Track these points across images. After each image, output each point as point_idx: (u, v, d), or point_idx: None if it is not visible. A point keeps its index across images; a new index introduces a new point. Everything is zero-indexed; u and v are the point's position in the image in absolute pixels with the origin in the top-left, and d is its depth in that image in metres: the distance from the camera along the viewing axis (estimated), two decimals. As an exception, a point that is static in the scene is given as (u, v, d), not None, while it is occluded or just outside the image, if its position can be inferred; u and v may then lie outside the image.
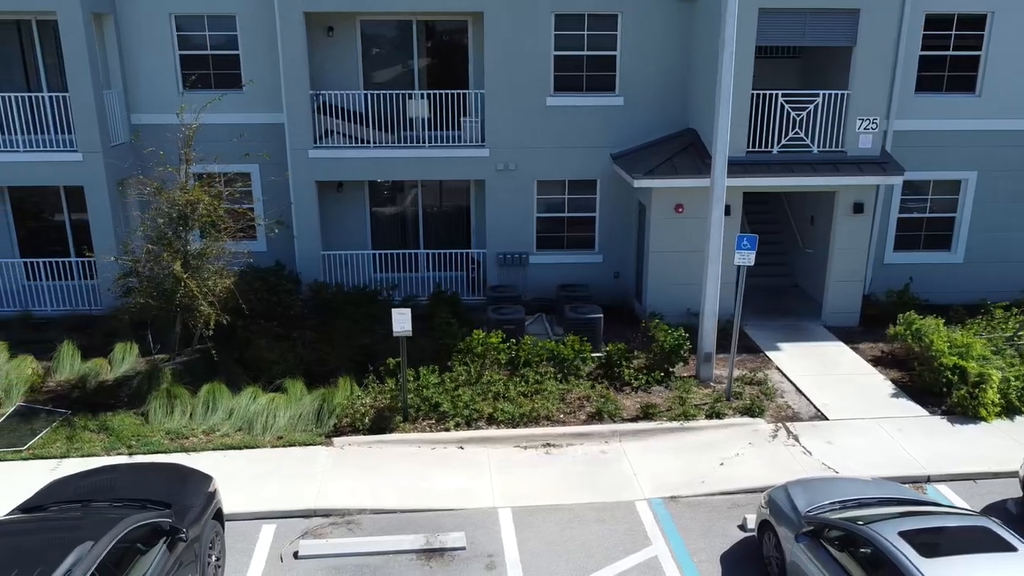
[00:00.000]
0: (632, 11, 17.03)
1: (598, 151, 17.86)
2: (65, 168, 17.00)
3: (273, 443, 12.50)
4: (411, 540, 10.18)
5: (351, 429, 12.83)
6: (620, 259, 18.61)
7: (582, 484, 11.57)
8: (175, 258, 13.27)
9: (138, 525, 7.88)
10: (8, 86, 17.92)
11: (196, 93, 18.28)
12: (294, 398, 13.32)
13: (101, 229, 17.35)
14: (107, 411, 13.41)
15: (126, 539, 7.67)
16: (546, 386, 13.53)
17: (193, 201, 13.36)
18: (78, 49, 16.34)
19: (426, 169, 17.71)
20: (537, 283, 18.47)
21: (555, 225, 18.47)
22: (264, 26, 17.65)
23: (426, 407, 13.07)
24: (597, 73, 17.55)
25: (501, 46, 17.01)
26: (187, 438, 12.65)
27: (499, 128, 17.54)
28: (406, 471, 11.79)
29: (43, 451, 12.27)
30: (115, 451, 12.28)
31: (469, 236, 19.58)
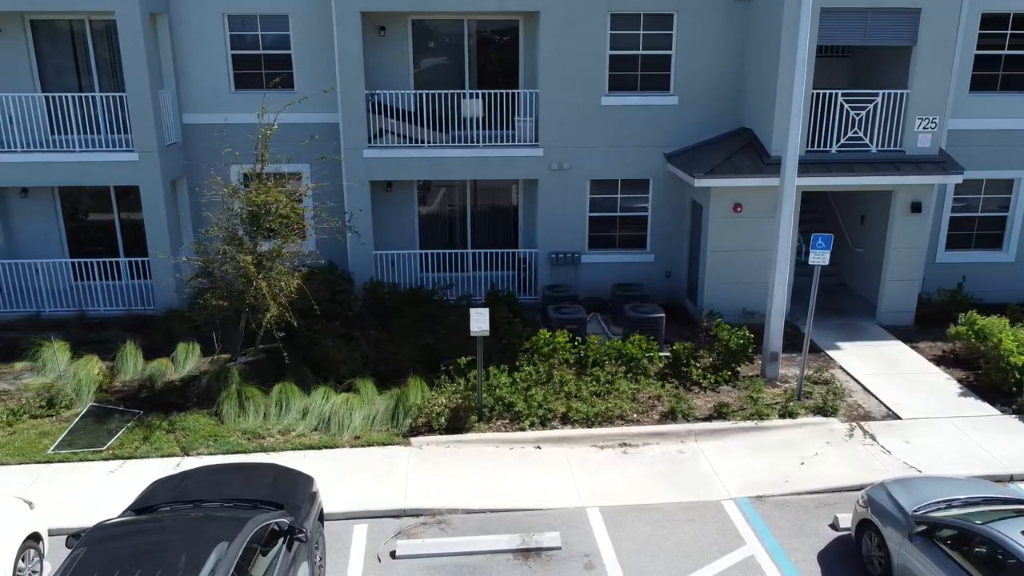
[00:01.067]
0: (688, 11, 17.02)
1: (651, 150, 17.86)
2: (121, 168, 17.00)
3: (351, 443, 12.49)
4: (507, 540, 10.19)
5: (427, 429, 12.83)
6: (671, 258, 18.61)
7: (665, 484, 11.57)
8: (249, 259, 13.24)
9: (264, 525, 7.87)
10: (60, 86, 17.89)
11: (247, 93, 18.30)
12: (366, 398, 13.33)
13: (156, 229, 17.35)
14: (178, 411, 13.40)
15: (253, 539, 7.67)
16: (618, 385, 13.53)
17: (269, 201, 13.30)
18: (136, 49, 16.33)
19: (480, 169, 17.71)
20: (589, 282, 18.47)
21: (607, 224, 18.48)
22: (317, 26, 17.65)
23: (500, 407, 13.07)
24: (652, 72, 17.55)
25: (556, 45, 17.01)
26: (264, 438, 12.65)
27: (553, 127, 17.54)
28: (488, 471, 11.80)
29: (122, 451, 12.27)
30: (193, 451, 12.28)
31: (516, 235, 19.58)
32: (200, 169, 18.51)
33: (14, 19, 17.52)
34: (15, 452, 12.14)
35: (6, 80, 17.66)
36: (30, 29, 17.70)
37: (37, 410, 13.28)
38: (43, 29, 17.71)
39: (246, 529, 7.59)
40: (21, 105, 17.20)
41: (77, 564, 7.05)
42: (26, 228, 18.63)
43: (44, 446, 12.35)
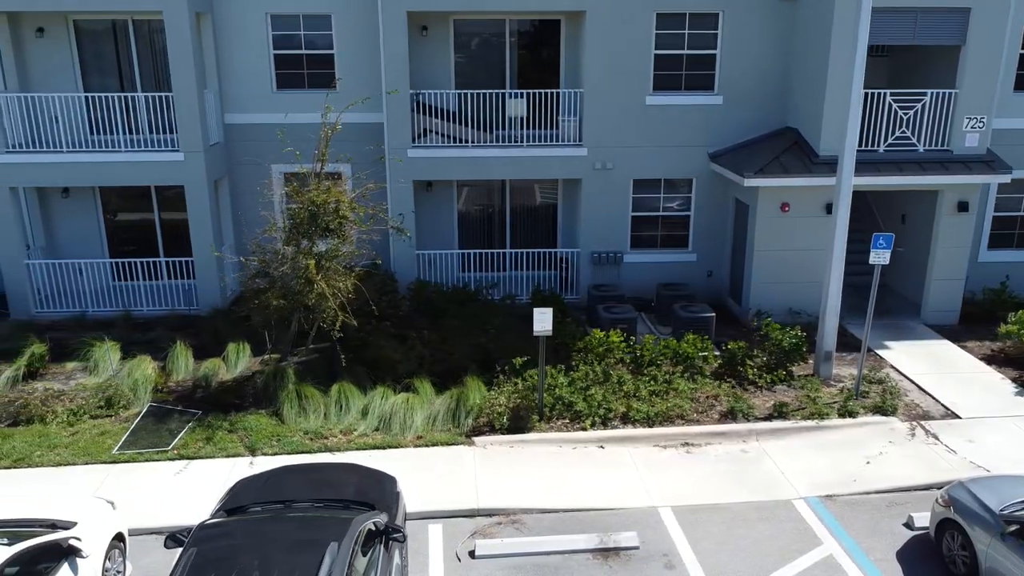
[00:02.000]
0: (733, 10, 17.02)
1: (695, 150, 17.86)
2: (166, 168, 17.00)
3: (415, 443, 12.49)
4: (585, 539, 10.19)
5: (489, 429, 12.84)
6: (713, 258, 18.62)
7: (733, 483, 11.58)
8: (309, 259, 13.24)
9: (366, 526, 7.87)
10: (102, 87, 17.89)
11: (289, 93, 18.31)
12: (425, 398, 13.32)
13: (200, 229, 17.34)
14: (236, 411, 13.40)
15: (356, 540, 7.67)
16: (676, 385, 13.53)
17: (329, 200, 13.29)
18: (183, 49, 16.33)
19: (524, 168, 17.71)
20: (630, 282, 18.47)
21: (649, 224, 18.48)
22: (359, 25, 17.66)
23: (560, 407, 13.07)
24: (696, 72, 17.55)
25: (602, 45, 17.00)
26: (326, 438, 12.65)
27: (597, 127, 17.54)
28: (554, 470, 11.81)
29: (186, 451, 12.27)
30: (258, 451, 12.28)
31: (555, 235, 19.59)
32: (241, 169, 18.52)
33: (58, 20, 17.53)
34: (80, 452, 12.14)
35: (49, 80, 17.66)
36: (73, 29, 17.68)
37: (96, 410, 13.28)
38: (86, 29, 17.70)
39: (352, 529, 7.59)
40: (64, 105, 17.18)
41: (192, 564, 7.05)
42: (67, 228, 18.65)
43: (108, 446, 12.35)
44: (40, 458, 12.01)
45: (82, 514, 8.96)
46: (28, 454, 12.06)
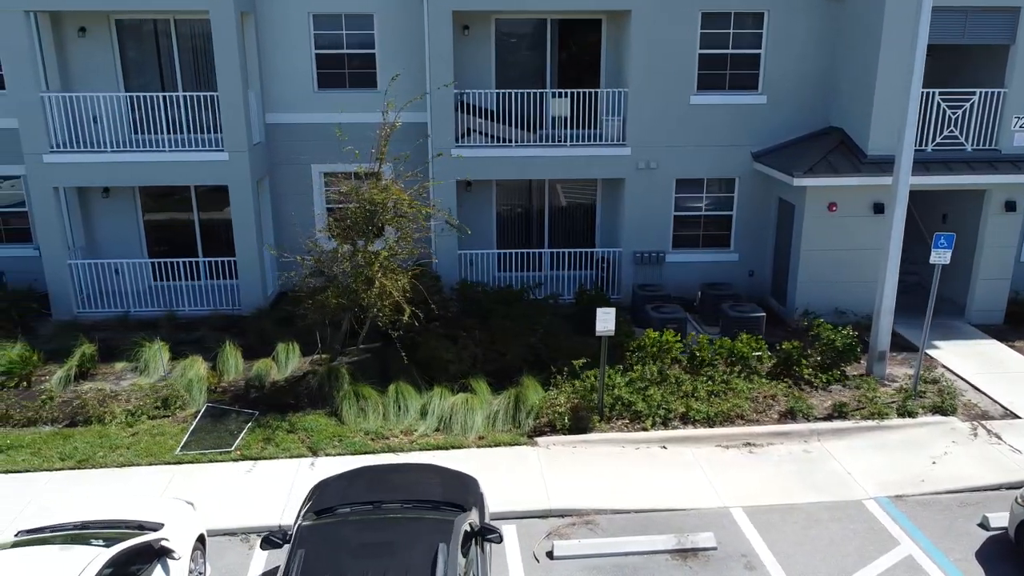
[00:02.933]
0: (779, 9, 17.00)
1: (738, 149, 17.84)
2: (211, 167, 16.95)
3: (477, 443, 12.45)
4: (663, 540, 10.16)
5: (549, 429, 12.80)
6: (755, 257, 18.59)
7: (800, 483, 11.55)
8: (369, 257, 13.20)
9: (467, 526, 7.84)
10: (143, 86, 17.85)
11: (330, 92, 18.27)
12: (483, 398, 13.28)
13: (244, 229, 17.30)
14: (291, 411, 13.36)
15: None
16: (734, 385, 13.49)
17: (387, 199, 13.24)
18: (229, 48, 16.29)
19: (567, 168, 17.68)
20: (672, 281, 18.43)
21: (691, 223, 18.46)
22: (401, 25, 17.64)
23: (620, 406, 13.04)
24: (740, 72, 17.52)
25: (647, 45, 16.97)
26: (387, 438, 12.61)
27: (641, 126, 17.51)
28: (620, 471, 11.78)
29: (249, 451, 12.23)
30: (321, 452, 12.24)
31: (593, 234, 19.56)
32: (281, 169, 18.49)
33: (100, 19, 17.48)
34: (143, 453, 12.10)
35: (90, 80, 17.62)
36: (115, 29, 17.63)
37: (153, 411, 13.24)
38: (127, 29, 17.66)
39: (456, 530, 7.56)
40: (107, 105, 17.13)
41: (304, 566, 7.01)
42: (106, 229, 18.61)
43: (170, 447, 12.31)
44: (103, 459, 11.97)
45: (167, 515, 8.92)
46: (91, 455, 12.03)
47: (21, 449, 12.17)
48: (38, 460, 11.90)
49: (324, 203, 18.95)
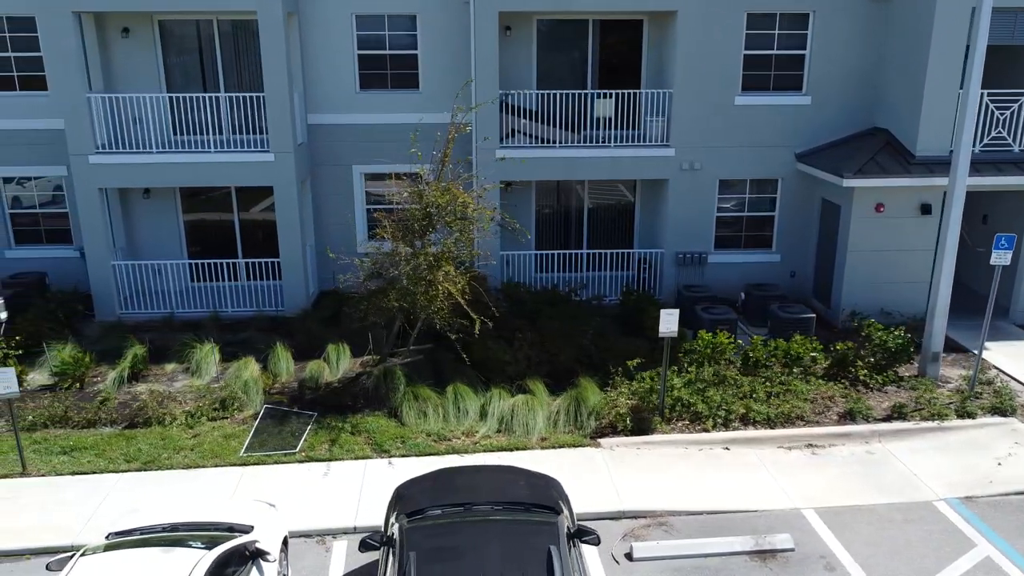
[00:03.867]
0: (824, 10, 17.00)
1: (782, 150, 17.84)
2: (256, 168, 16.94)
3: (540, 444, 12.44)
4: (741, 542, 10.16)
5: (611, 430, 12.79)
6: (797, 258, 18.59)
7: (867, 484, 11.55)
8: (430, 261, 13.17)
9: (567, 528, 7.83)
10: (185, 87, 17.83)
11: (371, 93, 18.27)
12: (541, 399, 13.27)
13: (289, 230, 17.29)
14: (349, 412, 13.35)
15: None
16: (793, 386, 13.49)
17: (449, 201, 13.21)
18: (276, 49, 16.28)
19: (610, 169, 17.68)
20: (713, 282, 18.42)
21: (733, 224, 18.46)
22: (445, 25, 17.63)
23: (680, 408, 13.03)
24: (785, 72, 17.52)
25: (692, 45, 16.96)
26: (449, 439, 12.60)
27: (685, 127, 17.51)
28: (686, 472, 11.77)
29: (313, 453, 12.22)
30: (386, 454, 12.23)
31: (632, 235, 19.56)
32: (322, 170, 18.47)
33: (143, 20, 17.46)
34: (208, 455, 12.09)
35: (132, 81, 17.61)
36: (158, 30, 17.62)
37: (212, 412, 13.22)
38: (170, 30, 17.64)
39: (562, 533, 7.54)
40: (151, 106, 17.11)
41: (419, 568, 7.00)
42: (147, 229, 18.59)
43: (234, 448, 12.30)
44: (168, 460, 11.96)
45: (254, 517, 8.91)
46: (156, 456, 12.02)
47: (85, 451, 12.16)
48: (104, 462, 11.89)
49: (365, 204, 18.94)
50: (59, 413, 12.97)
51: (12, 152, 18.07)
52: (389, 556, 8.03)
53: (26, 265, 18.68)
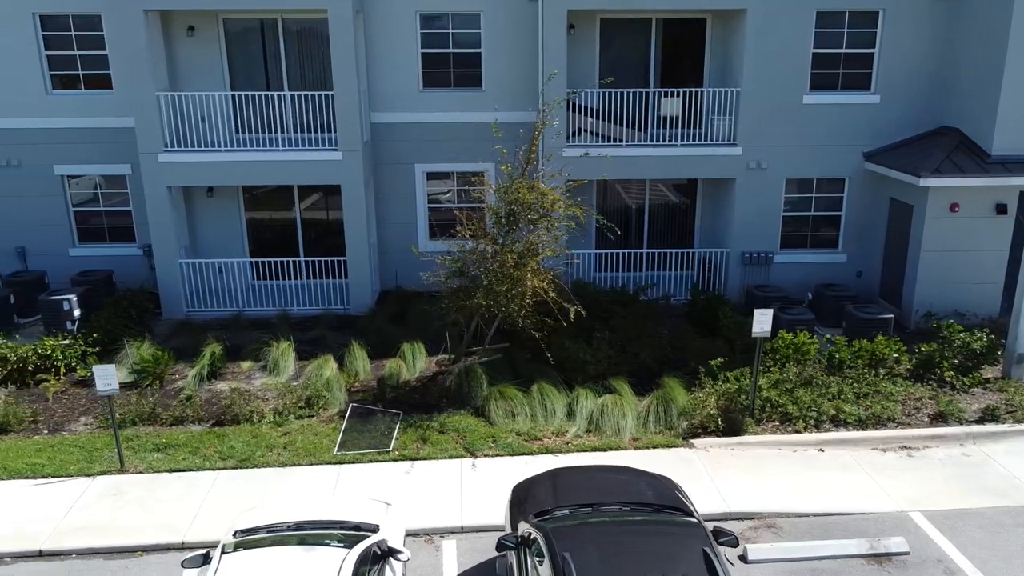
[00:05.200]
0: (894, 8, 16.88)
1: (849, 149, 17.73)
2: (324, 167, 16.92)
3: (633, 445, 12.37)
4: (855, 545, 10.06)
5: (701, 430, 12.70)
6: (864, 258, 18.47)
7: (970, 487, 11.44)
8: (516, 260, 13.11)
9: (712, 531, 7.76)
10: (248, 85, 17.82)
11: (434, 91, 18.23)
12: (627, 399, 13.19)
13: (356, 228, 17.25)
14: (434, 411, 13.31)
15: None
16: (881, 387, 13.38)
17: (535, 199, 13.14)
18: (346, 48, 16.25)
19: (675, 168, 17.61)
20: (778, 282, 18.31)
21: (799, 223, 18.36)
22: (509, 23, 17.58)
23: (769, 408, 12.94)
24: (853, 71, 17.41)
25: (761, 44, 16.86)
26: (540, 439, 12.53)
27: (752, 126, 17.41)
28: (785, 473, 11.68)
29: (407, 452, 12.17)
30: (479, 452, 12.17)
31: (692, 234, 19.48)
32: (384, 168, 18.43)
33: (209, 18, 17.46)
34: (302, 453, 12.05)
35: (196, 79, 17.60)
36: (223, 28, 17.61)
37: (299, 411, 13.17)
38: (235, 28, 17.63)
39: (710, 535, 7.46)
40: (217, 104, 17.11)
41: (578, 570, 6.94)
42: (209, 228, 18.58)
43: (326, 447, 12.26)
44: (263, 458, 11.93)
45: (376, 516, 8.85)
46: (250, 455, 11.98)
47: (178, 448, 12.14)
48: (199, 459, 11.86)
49: (427, 203, 18.90)
50: (147, 410, 12.95)
51: (77, 150, 18.10)
52: (526, 557, 7.96)
53: (88, 263, 18.70)
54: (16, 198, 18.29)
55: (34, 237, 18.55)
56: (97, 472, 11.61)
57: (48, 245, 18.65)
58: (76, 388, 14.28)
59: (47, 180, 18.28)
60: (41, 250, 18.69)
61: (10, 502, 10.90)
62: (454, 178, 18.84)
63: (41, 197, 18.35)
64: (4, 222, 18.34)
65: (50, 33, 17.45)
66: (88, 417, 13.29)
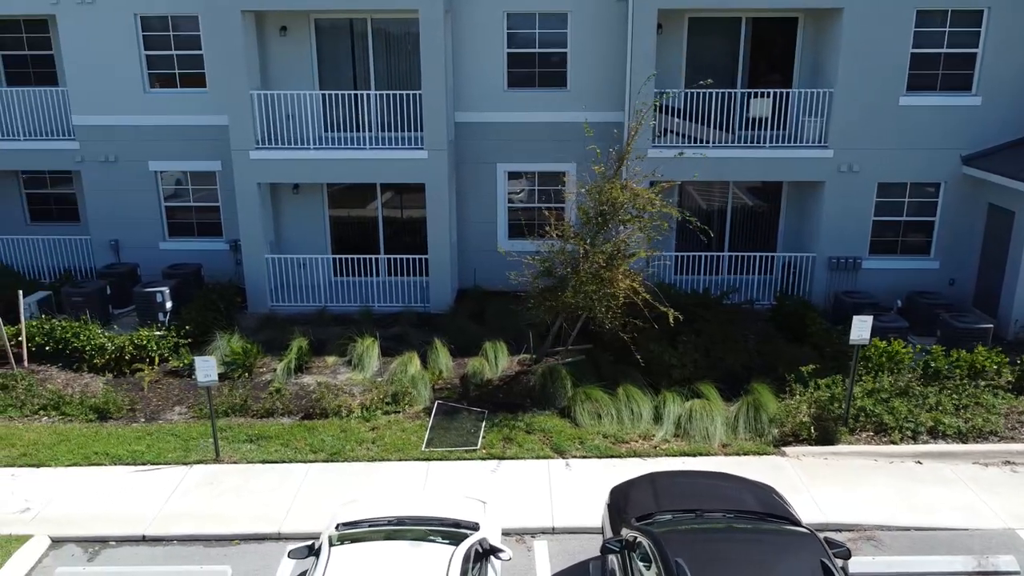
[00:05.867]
0: (1000, 7, 16.25)
1: (946, 152, 17.13)
2: (410, 165, 17.06)
3: (722, 451, 12.16)
4: (961, 561, 9.72)
5: (792, 439, 12.42)
6: (957, 265, 17.83)
7: (1081, 507, 10.91)
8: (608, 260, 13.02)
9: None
10: (336, 84, 18.06)
11: (518, 91, 18.23)
12: (716, 404, 12.97)
13: (438, 227, 17.36)
14: (518, 410, 13.30)
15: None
16: (983, 399, 12.89)
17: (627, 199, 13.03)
18: (436, 48, 16.37)
19: (764, 170, 17.28)
20: (866, 288, 17.79)
21: (889, 229, 17.82)
22: (597, 24, 17.45)
23: (864, 417, 12.58)
24: (954, 72, 16.82)
25: (857, 43, 16.41)
26: (627, 442, 12.42)
27: (845, 128, 16.96)
28: (883, 485, 11.35)
29: (494, 451, 12.19)
30: (567, 453, 12.12)
31: (774, 238, 19.07)
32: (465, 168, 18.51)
33: (301, 18, 17.76)
34: (391, 448, 12.18)
35: (286, 78, 17.93)
36: (314, 28, 17.90)
37: (385, 406, 13.31)
38: (325, 28, 17.91)
39: (825, 546, 7.27)
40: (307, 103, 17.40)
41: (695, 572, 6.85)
42: (293, 224, 18.90)
43: (414, 443, 12.36)
44: (352, 452, 12.09)
45: (476, 514, 8.86)
46: (340, 448, 12.16)
47: (270, 440, 12.38)
48: (290, 452, 12.08)
49: (507, 202, 18.92)
50: (239, 402, 13.24)
51: (170, 147, 18.61)
52: (629, 560, 7.87)
53: (177, 257, 19.22)
54: (112, 193, 18.92)
55: (127, 231, 19.16)
56: (194, 461, 11.92)
57: (140, 239, 19.23)
58: (169, 378, 14.69)
59: (142, 176, 18.86)
60: (133, 243, 19.29)
61: (113, 487, 11.27)
62: (535, 178, 18.83)
63: (135, 193, 18.94)
64: (100, 216, 18.98)
65: (149, 33, 17.99)
66: (182, 407, 13.66)
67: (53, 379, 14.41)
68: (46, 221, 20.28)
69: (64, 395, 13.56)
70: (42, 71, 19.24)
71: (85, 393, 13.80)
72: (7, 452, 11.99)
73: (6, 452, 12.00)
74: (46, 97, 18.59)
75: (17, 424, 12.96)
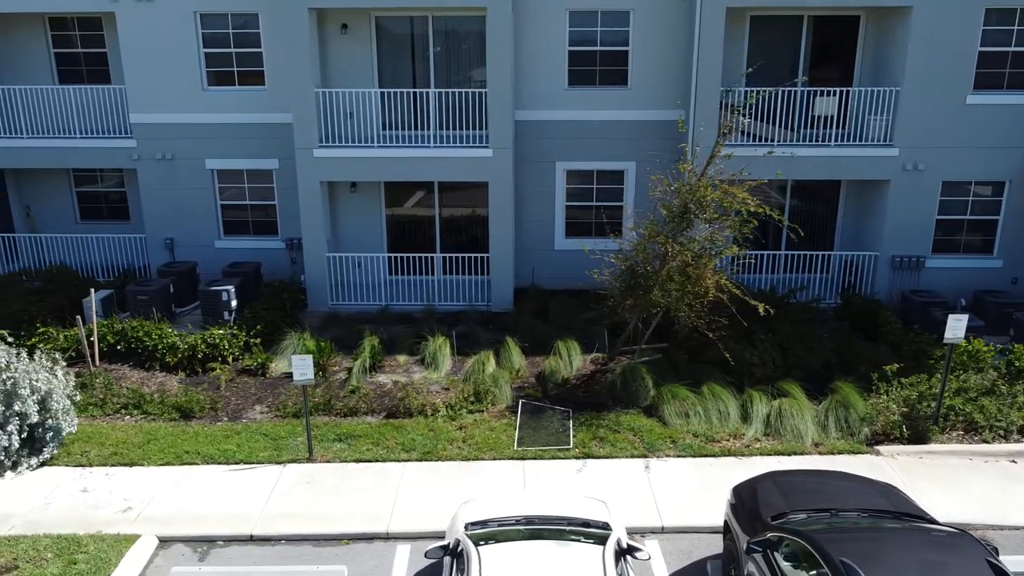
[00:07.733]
0: (1070, 4, 16.19)
1: (1012, 151, 17.11)
2: (474, 164, 16.99)
3: (815, 450, 12.11)
4: (1089, 560, 9.64)
5: (883, 437, 12.37)
6: (1021, 264, 17.79)
7: None
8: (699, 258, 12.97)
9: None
10: (395, 82, 18.00)
11: (579, 90, 18.17)
12: (803, 403, 12.92)
13: (501, 225, 17.30)
14: (602, 409, 13.26)
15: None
16: (1074, 399, 12.85)
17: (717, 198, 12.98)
18: (503, 46, 16.32)
19: (829, 168, 17.23)
20: (930, 286, 17.75)
21: (952, 227, 17.77)
22: (659, 21, 17.41)
23: (953, 416, 12.54)
24: (1021, 70, 16.76)
25: (925, 42, 16.36)
26: (718, 441, 12.37)
27: (910, 127, 16.91)
28: (983, 484, 11.33)
29: (585, 450, 12.13)
30: (660, 453, 12.06)
31: (833, 236, 19.02)
32: (524, 167, 18.45)
33: (362, 16, 17.69)
34: (483, 447, 12.13)
35: (346, 76, 17.86)
36: (375, 26, 17.84)
37: (470, 405, 13.25)
38: (386, 26, 17.84)
39: (984, 545, 7.21)
40: (369, 101, 17.34)
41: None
42: (350, 222, 18.82)
43: (504, 442, 12.31)
44: (444, 451, 12.04)
45: (602, 513, 8.80)
46: (432, 447, 12.11)
47: (359, 439, 12.33)
48: (383, 451, 12.03)
49: (565, 200, 18.87)
50: (322, 401, 13.18)
51: (227, 145, 18.53)
52: (775, 559, 7.82)
53: (232, 255, 19.12)
54: (168, 191, 18.84)
55: (183, 229, 19.08)
56: (287, 460, 11.86)
57: (196, 237, 19.15)
58: (243, 376, 14.62)
59: (199, 174, 18.78)
60: (189, 241, 19.21)
61: (211, 486, 11.21)
62: (592, 176, 18.77)
63: (192, 190, 18.86)
64: (155, 214, 18.90)
65: (208, 31, 17.92)
66: (262, 405, 13.60)
67: (127, 378, 14.35)
68: (96, 219, 20.19)
69: (144, 394, 13.49)
70: (94, 69, 19.16)
71: (163, 392, 13.74)
72: (98, 451, 11.93)
73: (97, 451, 11.94)
74: (102, 95, 18.50)
75: (101, 423, 12.90)
